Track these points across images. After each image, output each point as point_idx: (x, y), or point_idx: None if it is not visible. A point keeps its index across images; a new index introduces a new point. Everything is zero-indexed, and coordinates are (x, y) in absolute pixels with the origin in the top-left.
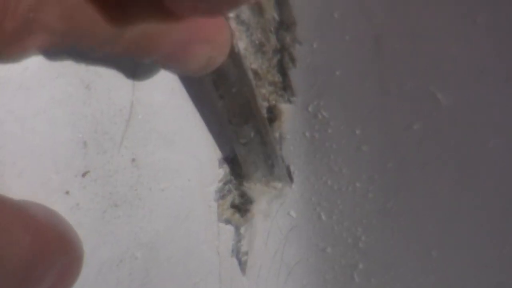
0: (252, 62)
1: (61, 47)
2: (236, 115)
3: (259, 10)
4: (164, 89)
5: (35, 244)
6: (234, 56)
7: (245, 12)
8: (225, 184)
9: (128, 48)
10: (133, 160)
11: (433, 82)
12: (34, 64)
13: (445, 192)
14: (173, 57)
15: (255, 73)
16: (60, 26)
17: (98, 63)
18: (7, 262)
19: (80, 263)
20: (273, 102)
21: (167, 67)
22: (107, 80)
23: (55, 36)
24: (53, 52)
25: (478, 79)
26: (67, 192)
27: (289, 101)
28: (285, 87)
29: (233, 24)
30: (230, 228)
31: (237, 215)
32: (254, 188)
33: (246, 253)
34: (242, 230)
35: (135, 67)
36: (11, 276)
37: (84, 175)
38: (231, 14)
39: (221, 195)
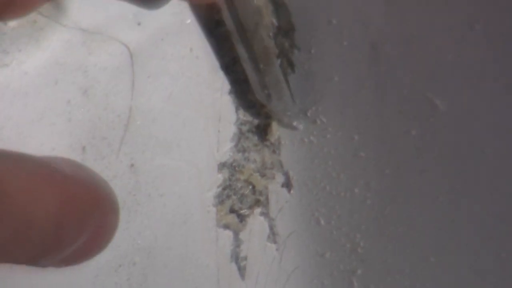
0: None
1: None
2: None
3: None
4: (163, 95)
5: (64, 201)
6: None
7: None
8: (223, 189)
9: None
10: (132, 165)
11: (430, 88)
12: (33, 70)
13: (443, 198)
14: None
15: None
16: None
17: None
18: (37, 223)
19: (116, 216)
20: None
21: None
22: (105, 85)
23: None
24: None
25: (475, 85)
26: None
27: None
28: None
29: None
30: (228, 233)
31: (236, 220)
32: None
33: (245, 259)
34: (241, 235)
35: None
36: (43, 237)
37: None
38: None
39: (220, 200)
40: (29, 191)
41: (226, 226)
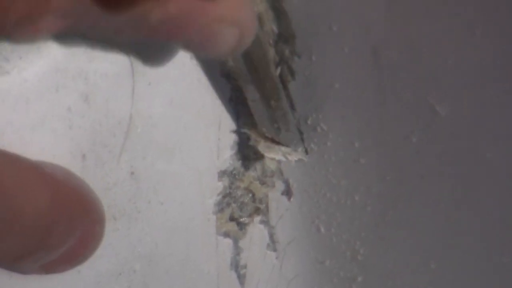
0: None
1: (76, 31)
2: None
3: (258, 22)
4: (163, 101)
5: (54, 202)
6: None
7: None
8: (224, 197)
9: (152, 31)
10: (132, 172)
11: (431, 94)
12: (34, 76)
13: (444, 204)
14: (201, 39)
15: None
16: (73, 8)
17: (113, 48)
18: (27, 217)
19: (102, 226)
20: None
21: (192, 50)
22: (106, 92)
23: (68, 19)
24: (66, 36)
25: (476, 90)
26: None
27: None
28: None
29: None
30: (228, 241)
31: (235, 228)
32: (261, 143)
33: (245, 266)
34: (241, 243)
35: (152, 51)
36: (31, 234)
37: None
38: None
39: (220, 208)
40: (21, 185)
41: (226, 234)
